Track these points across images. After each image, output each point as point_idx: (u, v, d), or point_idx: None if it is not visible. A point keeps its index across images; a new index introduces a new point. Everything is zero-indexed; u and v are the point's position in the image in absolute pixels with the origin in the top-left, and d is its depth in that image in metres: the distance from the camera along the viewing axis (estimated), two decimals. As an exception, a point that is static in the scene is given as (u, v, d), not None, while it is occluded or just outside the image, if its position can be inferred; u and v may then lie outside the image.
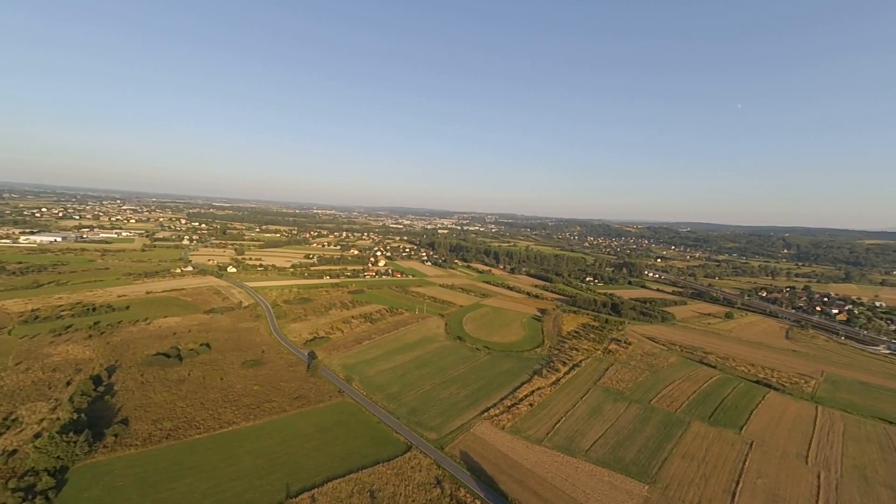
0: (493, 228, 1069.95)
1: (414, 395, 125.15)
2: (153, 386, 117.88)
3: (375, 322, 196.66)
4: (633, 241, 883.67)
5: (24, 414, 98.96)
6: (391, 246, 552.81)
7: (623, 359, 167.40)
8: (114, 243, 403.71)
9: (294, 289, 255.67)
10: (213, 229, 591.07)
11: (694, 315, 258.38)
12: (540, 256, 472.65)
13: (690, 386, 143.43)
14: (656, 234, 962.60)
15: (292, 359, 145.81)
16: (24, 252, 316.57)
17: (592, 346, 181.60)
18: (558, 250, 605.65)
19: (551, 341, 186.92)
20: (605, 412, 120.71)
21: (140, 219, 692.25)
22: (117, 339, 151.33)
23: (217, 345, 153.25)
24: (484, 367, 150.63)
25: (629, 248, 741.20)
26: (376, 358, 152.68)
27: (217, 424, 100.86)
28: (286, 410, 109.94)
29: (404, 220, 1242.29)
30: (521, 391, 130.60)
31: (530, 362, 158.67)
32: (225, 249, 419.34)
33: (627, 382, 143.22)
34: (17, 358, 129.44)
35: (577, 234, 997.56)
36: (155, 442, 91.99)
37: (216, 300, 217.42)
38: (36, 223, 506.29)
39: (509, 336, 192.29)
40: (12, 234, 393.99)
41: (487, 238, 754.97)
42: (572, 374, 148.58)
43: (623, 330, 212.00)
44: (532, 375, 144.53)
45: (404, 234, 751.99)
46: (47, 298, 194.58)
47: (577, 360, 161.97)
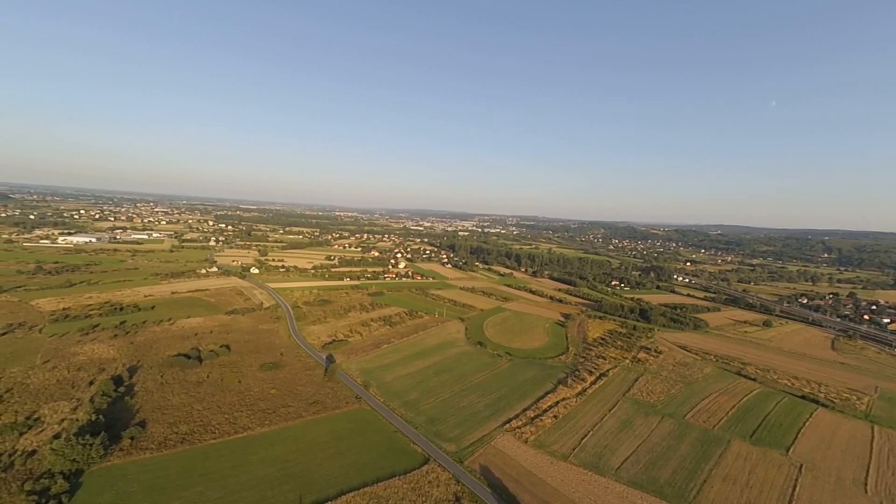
0: (514, 231, 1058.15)
1: (432, 402, 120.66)
2: (172, 387, 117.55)
3: (394, 325, 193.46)
4: (659, 244, 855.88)
5: (46, 413, 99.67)
6: (411, 248, 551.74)
7: (653, 369, 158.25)
8: (144, 244, 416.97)
9: (314, 290, 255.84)
10: (238, 231, 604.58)
11: (728, 322, 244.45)
12: (563, 259, 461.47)
13: (728, 400, 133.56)
14: (684, 237, 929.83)
15: (310, 362, 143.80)
16: (61, 252, 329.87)
17: (620, 354, 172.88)
18: (582, 253, 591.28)
19: (576, 348, 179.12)
20: (636, 427, 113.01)
21: (170, 220, 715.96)
22: (141, 339, 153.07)
23: (237, 346, 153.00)
24: (505, 375, 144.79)
25: (656, 251, 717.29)
26: (394, 363, 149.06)
27: (232, 429, 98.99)
28: (302, 416, 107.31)
29: (425, 221, 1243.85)
30: (545, 401, 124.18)
31: (554, 370, 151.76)
32: (249, 251, 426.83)
33: (659, 394, 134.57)
34: (45, 356, 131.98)
35: (601, 237, 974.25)
36: (170, 446, 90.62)
37: (238, 301, 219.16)
38: (74, 224, 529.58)
39: (532, 342, 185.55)
40: (52, 234, 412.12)
41: (508, 240, 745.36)
42: (599, 384, 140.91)
43: (652, 337, 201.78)
44: (556, 385, 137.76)
45: (424, 236, 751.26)
46: (78, 297, 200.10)
47: (605, 370, 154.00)
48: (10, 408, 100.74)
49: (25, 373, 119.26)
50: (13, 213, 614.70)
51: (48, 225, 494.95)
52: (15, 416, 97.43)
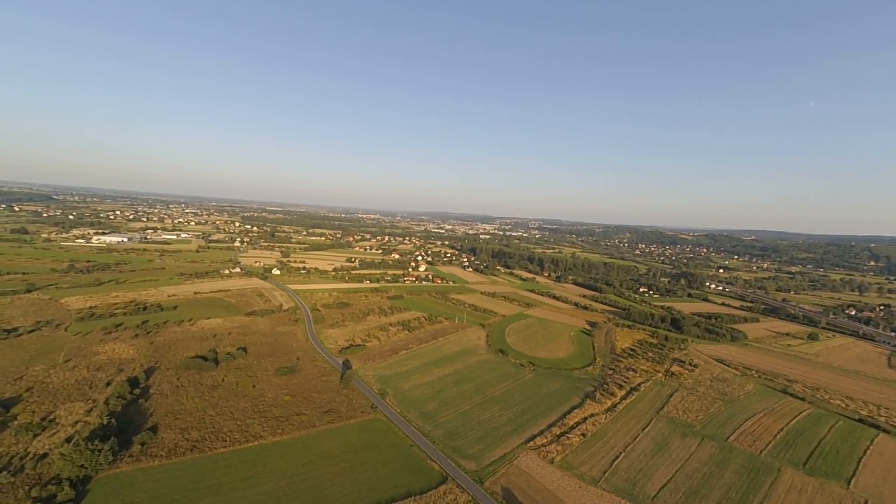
0: (536, 234, 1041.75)
1: (451, 415, 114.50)
2: (187, 391, 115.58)
3: (413, 330, 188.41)
4: (689, 249, 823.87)
5: (61, 414, 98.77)
6: (432, 251, 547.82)
7: (689, 384, 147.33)
8: (173, 244, 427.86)
9: (334, 293, 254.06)
10: (263, 232, 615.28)
11: (769, 334, 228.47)
12: (588, 264, 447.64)
13: (775, 422, 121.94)
14: (716, 242, 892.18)
15: (326, 367, 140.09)
16: (94, 251, 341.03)
17: (652, 366, 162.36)
18: (607, 258, 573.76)
19: (604, 359, 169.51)
20: (673, 449, 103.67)
21: (199, 221, 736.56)
22: (161, 340, 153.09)
23: (253, 349, 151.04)
24: (529, 387, 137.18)
25: (685, 256, 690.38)
26: (412, 370, 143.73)
27: (243, 437, 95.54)
28: (315, 425, 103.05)
29: (446, 224, 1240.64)
30: (572, 417, 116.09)
31: (581, 383, 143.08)
32: (272, 252, 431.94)
33: (697, 413, 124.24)
34: (68, 355, 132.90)
35: (627, 242, 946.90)
36: (180, 454, 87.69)
37: (258, 302, 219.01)
38: (109, 225, 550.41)
39: (556, 351, 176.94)
40: (87, 234, 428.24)
41: (531, 244, 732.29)
42: (630, 399, 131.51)
43: (686, 349, 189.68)
44: (584, 399, 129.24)
45: (446, 238, 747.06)
46: (105, 296, 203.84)
47: (635, 383, 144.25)
48: (28, 407, 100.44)
49: (47, 371, 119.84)
50: (55, 213, 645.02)
51: (85, 225, 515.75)
52: (32, 416, 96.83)
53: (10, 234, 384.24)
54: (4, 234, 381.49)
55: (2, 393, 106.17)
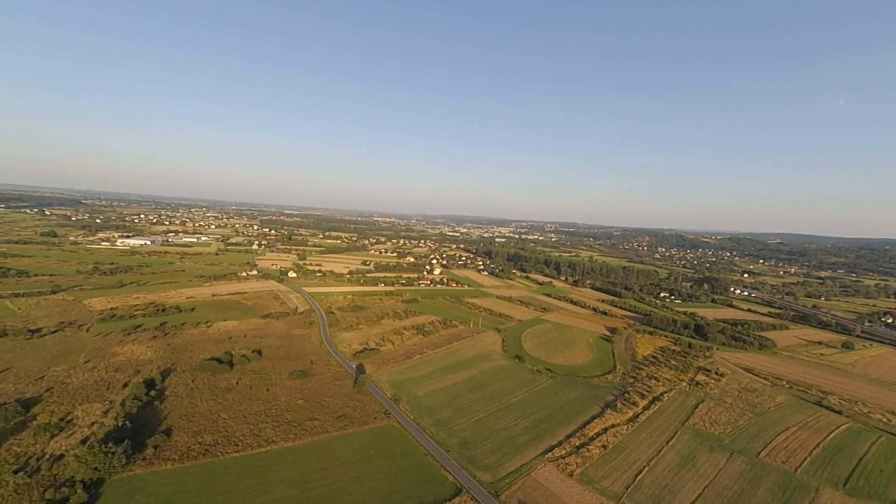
0: (552, 237, 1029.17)
1: (466, 422, 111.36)
2: (202, 393, 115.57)
3: (428, 335, 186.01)
4: (711, 252, 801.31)
5: (79, 415, 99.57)
6: (447, 254, 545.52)
7: (715, 394, 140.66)
8: (193, 247, 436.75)
9: (349, 295, 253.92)
10: (280, 235, 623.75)
11: (799, 343, 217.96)
12: (606, 268, 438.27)
13: (810, 437, 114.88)
14: (739, 246, 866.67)
15: (340, 371, 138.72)
16: (118, 254, 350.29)
17: (675, 375, 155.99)
18: (626, 262, 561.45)
19: (624, 367, 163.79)
20: (700, 464, 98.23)
21: (219, 224, 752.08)
22: (178, 342, 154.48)
23: (268, 352, 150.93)
24: (546, 394, 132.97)
25: (708, 260, 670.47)
26: (427, 375, 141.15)
27: (255, 442, 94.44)
28: (328, 431, 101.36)
29: (461, 227, 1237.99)
30: (592, 427, 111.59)
31: (601, 391, 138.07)
32: (289, 254, 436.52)
33: (725, 425, 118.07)
34: (88, 356, 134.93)
35: (646, 245, 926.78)
36: (192, 458, 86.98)
37: (274, 305, 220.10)
38: (133, 228, 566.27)
39: (575, 358, 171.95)
40: (112, 237, 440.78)
41: (547, 247, 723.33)
42: (653, 409, 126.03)
43: (711, 357, 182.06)
44: (604, 408, 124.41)
45: (461, 241, 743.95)
46: (126, 298, 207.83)
47: (658, 393, 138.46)
48: (47, 408, 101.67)
49: (67, 372, 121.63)
50: (83, 217, 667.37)
51: (111, 228, 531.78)
52: (50, 416, 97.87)
53: (40, 237, 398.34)
54: (35, 237, 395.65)
55: (23, 393, 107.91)
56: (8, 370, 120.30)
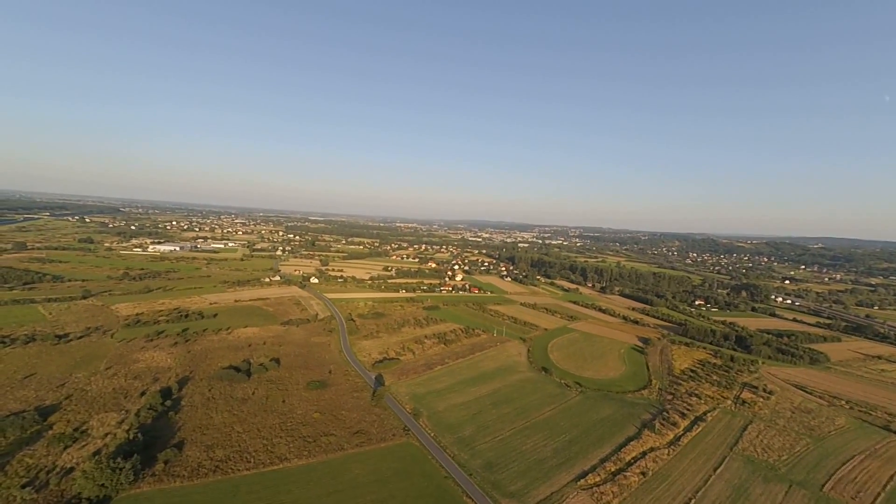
0: (577, 242, 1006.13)
1: (490, 442, 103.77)
2: (217, 404, 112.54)
3: (449, 344, 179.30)
4: (747, 258, 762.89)
5: (94, 425, 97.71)
6: (469, 259, 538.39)
7: (765, 415, 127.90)
8: (220, 253, 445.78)
9: (369, 302, 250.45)
10: (304, 241, 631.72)
11: (855, 356, 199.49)
12: (635, 274, 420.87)
13: (881, 467, 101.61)
14: (777, 251, 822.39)
15: (358, 382, 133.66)
16: (148, 259, 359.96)
17: (718, 392, 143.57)
18: (656, 268, 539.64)
19: (660, 382, 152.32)
20: (755, 497, 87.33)
21: (246, 231, 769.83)
22: (198, 349, 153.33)
23: (286, 360, 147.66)
24: (576, 411, 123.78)
25: (744, 266, 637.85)
26: (448, 388, 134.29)
27: (268, 459, 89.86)
28: (343, 448, 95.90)
29: (483, 233, 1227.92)
30: (628, 451, 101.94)
31: (636, 409, 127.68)
32: (311, 260, 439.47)
33: (779, 452, 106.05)
34: (109, 362, 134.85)
35: (676, 250, 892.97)
36: (202, 475, 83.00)
37: (294, 311, 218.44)
38: (164, 234, 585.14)
39: (606, 370, 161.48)
40: (144, 243, 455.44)
41: (571, 253, 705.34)
42: (696, 431, 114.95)
43: (757, 372, 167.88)
44: (640, 428, 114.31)
45: (483, 247, 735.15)
46: (152, 303, 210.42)
47: (700, 412, 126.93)
48: (64, 417, 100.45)
49: (87, 379, 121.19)
50: (119, 224, 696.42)
51: (144, 235, 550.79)
52: (66, 426, 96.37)
53: (78, 244, 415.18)
54: (73, 244, 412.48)
55: (43, 400, 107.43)
56: (32, 376, 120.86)
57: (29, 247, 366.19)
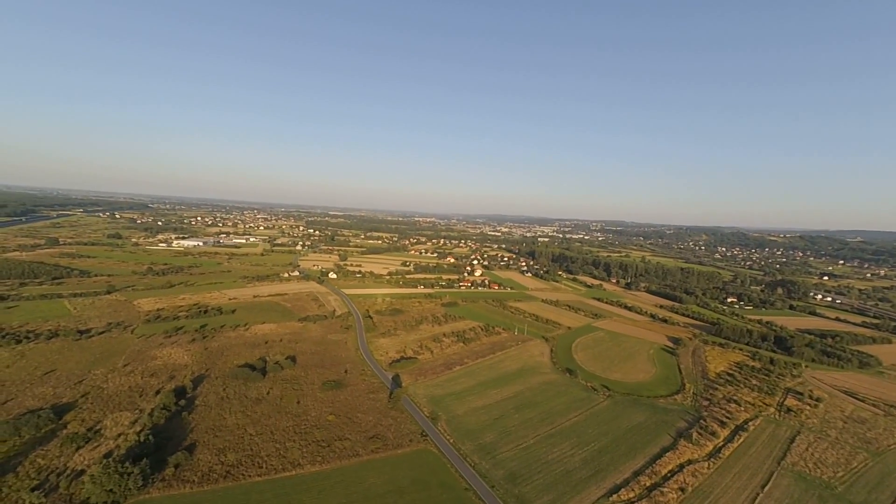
0: (599, 237, 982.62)
1: (513, 450, 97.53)
2: (231, 404, 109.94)
3: (469, 342, 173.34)
4: (780, 252, 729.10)
5: (108, 425, 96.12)
6: (488, 254, 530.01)
7: (814, 424, 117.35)
8: (242, 248, 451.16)
9: (387, 298, 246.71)
10: (324, 236, 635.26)
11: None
12: (662, 270, 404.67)
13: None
14: (813, 245, 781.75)
15: (374, 383, 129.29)
16: (172, 254, 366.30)
17: (759, 398, 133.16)
18: (683, 263, 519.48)
19: (695, 386, 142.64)
20: (811, 521, 78.50)
21: (268, 226, 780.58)
22: (215, 345, 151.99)
23: (302, 358, 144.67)
24: (605, 417, 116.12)
25: (777, 261, 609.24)
26: (468, 390, 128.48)
27: (280, 464, 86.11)
28: (358, 454, 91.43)
29: (502, 227, 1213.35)
30: (664, 463, 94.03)
31: (670, 416, 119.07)
32: (331, 255, 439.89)
33: (834, 468, 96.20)
34: (127, 359, 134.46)
35: (704, 244, 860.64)
36: (212, 480, 79.82)
37: (312, 307, 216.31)
38: (189, 229, 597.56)
39: (634, 373, 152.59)
40: (169, 238, 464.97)
41: (594, 247, 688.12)
42: (737, 441, 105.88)
43: (800, 376, 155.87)
44: (676, 438, 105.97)
45: (502, 241, 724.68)
46: (173, 299, 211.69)
47: (741, 420, 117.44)
48: (79, 415, 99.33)
49: (105, 376, 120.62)
50: (147, 219, 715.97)
51: (169, 230, 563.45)
52: (80, 425, 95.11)
53: (106, 239, 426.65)
54: (102, 239, 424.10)
55: (60, 398, 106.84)
56: (52, 372, 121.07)
57: (61, 242, 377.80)
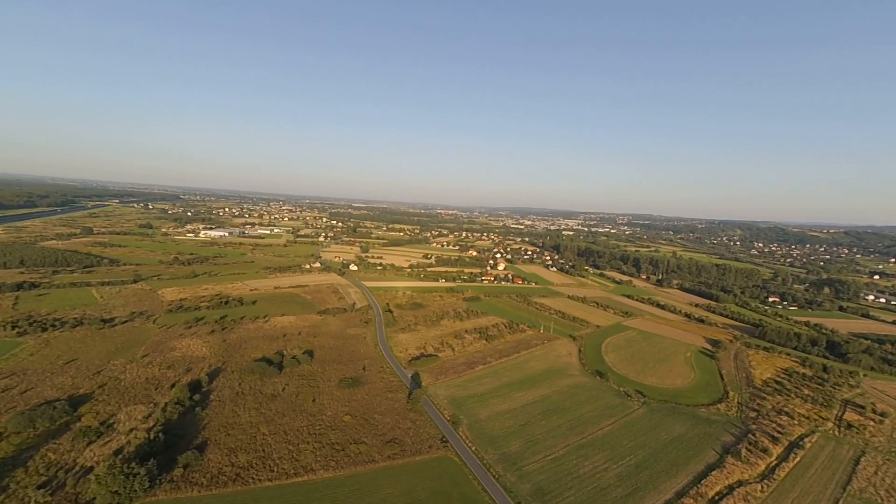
0: (626, 230, 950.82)
1: (540, 461, 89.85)
2: (245, 400, 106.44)
3: (492, 340, 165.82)
4: (823, 249, 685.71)
5: (121, 419, 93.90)
6: (511, 248, 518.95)
7: (881, 444, 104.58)
8: (266, 238, 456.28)
9: (408, 291, 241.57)
10: (346, 227, 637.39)
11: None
12: (695, 266, 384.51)
13: None
14: (861, 241, 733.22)
15: (393, 381, 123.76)
16: (198, 245, 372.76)
17: (813, 410, 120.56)
18: (717, 259, 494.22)
19: (739, 394, 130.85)
20: (890, 562, 67.83)
21: (292, 217, 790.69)
22: (234, 337, 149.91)
23: (320, 353, 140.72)
24: (641, 427, 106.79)
25: (820, 258, 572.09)
26: (491, 392, 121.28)
27: (292, 468, 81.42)
28: (374, 460, 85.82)
29: (525, 220, 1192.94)
30: (710, 483, 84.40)
31: (714, 428, 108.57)
32: (352, 247, 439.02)
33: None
34: (147, 350, 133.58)
35: (738, 239, 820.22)
36: (221, 484, 75.74)
37: (332, 300, 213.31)
38: (216, 220, 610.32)
39: (671, 377, 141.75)
40: (197, 228, 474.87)
41: (621, 241, 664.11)
42: (793, 461, 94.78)
43: (858, 387, 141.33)
44: (722, 454, 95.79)
45: (525, 235, 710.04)
46: (196, 289, 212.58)
47: (795, 436, 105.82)
48: (94, 408, 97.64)
49: (123, 367, 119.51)
50: (178, 210, 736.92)
51: (198, 221, 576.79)
52: (94, 418, 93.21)
53: (138, 229, 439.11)
54: (134, 229, 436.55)
55: (78, 388, 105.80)
56: (73, 362, 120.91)
57: (95, 231, 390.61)
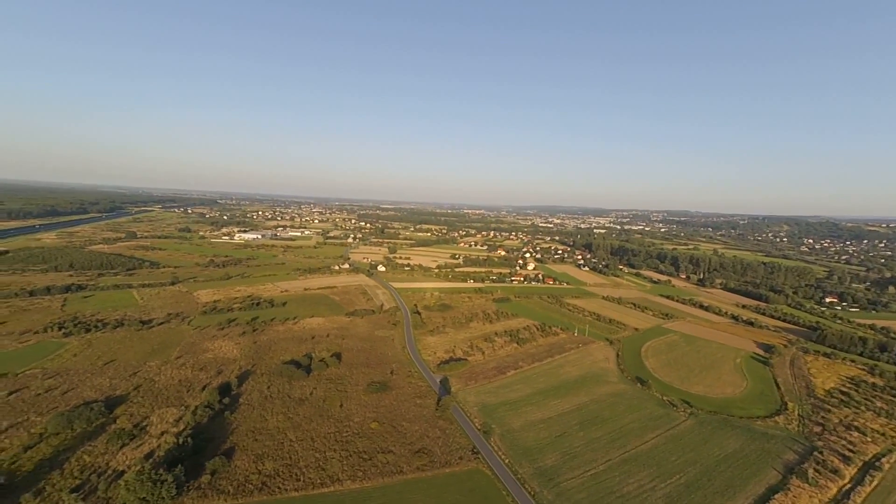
0: (661, 228, 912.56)
1: (580, 478, 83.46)
2: (274, 404, 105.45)
3: (523, 343, 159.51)
4: (882, 244, 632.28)
5: (154, 421, 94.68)
6: (541, 247, 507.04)
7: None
8: (297, 240, 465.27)
9: (436, 293, 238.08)
10: (374, 228, 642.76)
11: None
12: (740, 264, 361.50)
13: None
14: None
15: (422, 387, 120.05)
16: (233, 247, 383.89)
17: (889, 426, 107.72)
18: (763, 256, 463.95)
19: (800, 406, 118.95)
20: None
21: (322, 219, 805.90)
22: (264, 339, 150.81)
23: (348, 356, 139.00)
24: (689, 442, 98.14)
25: (880, 255, 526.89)
26: (523, 399, 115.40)
27: (318, 478, 78.91)
28: (402, 472, 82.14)
29: (554, 218, 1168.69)
30: (774, 509, 75.58)
31: (773, 444, 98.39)
32: (380, 248, 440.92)
33: None
34: (181, 351, 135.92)
35: (785, 235, 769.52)
36: (247, 492, 74.06)
37: (360, 301, 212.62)
38: (250, 223, 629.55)
39: (720, 386, 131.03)
40: (231, 232, 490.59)
41: (656, 239, 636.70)
42: (869, 485, 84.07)
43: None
44: (785, 475, 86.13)
45: (555, 233, 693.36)
46: (229, 290, 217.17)
47: (870, 455, 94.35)
48: (129, 409, 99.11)
49: (158, 368, 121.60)
50: (215, 214, 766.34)
51: (233, 224, 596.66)
52: (128, 420, 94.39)
53: (177, 233, 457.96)
54: (174, 233, 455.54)
55: (115, 390, 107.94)
56: (111, 363, 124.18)
57: (138, 236, 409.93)
